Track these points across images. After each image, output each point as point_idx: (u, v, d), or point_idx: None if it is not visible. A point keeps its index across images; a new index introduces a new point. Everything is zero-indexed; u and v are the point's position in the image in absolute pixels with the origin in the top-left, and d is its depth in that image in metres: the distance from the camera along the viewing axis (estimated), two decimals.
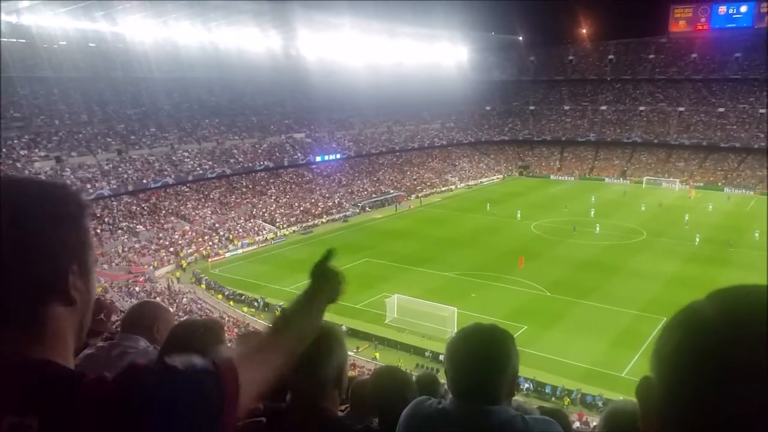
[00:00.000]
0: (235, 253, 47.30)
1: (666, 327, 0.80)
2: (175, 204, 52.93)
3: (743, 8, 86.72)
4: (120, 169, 52.89)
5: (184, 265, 43.85)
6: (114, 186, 50.35)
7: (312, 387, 2.00)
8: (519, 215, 56.65)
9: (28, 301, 1.02)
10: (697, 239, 46.93)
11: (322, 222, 57.10)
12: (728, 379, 0.68)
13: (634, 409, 0.77)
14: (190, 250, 46.05)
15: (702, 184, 73.14)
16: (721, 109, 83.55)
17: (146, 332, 2.87)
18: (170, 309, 2.16)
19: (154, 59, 58.03)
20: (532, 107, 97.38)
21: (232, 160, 61.86)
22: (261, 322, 33.77)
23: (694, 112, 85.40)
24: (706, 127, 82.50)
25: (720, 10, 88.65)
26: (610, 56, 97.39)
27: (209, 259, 44.96)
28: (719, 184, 73.12)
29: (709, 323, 0.73)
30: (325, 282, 1.67)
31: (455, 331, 4.36)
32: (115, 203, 49.33)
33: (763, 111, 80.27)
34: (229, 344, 2.75)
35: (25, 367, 0.98)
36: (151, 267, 42.13)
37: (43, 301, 1.04)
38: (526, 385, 25.92)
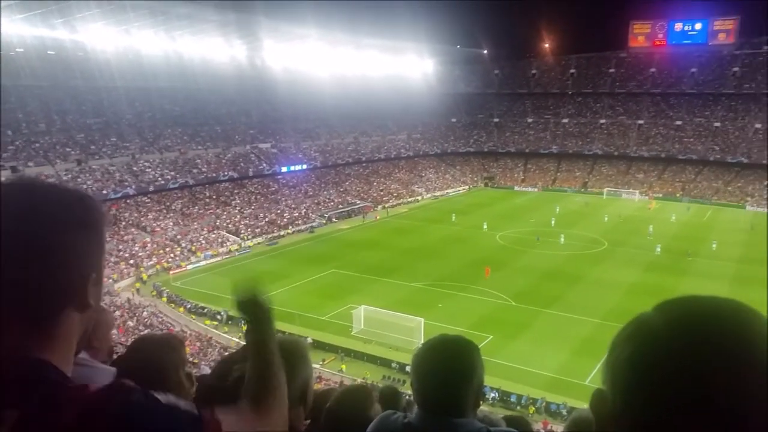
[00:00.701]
0: (197, 265, 46.45)
1: (616, 339, 0.81)
2: (136, 215, 51.78)
3: (698, 26, 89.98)
4: (79, 179, 51.52)
5: (145, 277, 42.83)
6: None
7: None
8: (485, 226, 57.16)
9: (48, 305, 1.04)
10: (658, 249, 48.01)
11: (288, 233, 56.57)
12: (677, 389, 0.70)
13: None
14: (151, 263, 45.03)
15: (661, 195, 75.15)
16: (679, 122, 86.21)
17: (80, 337, 2.67)
18: (110, 309, 2.00)
19: (116, 68, 57.02)
20: (496, 119, 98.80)
21: (195, 170, 60.93)
22: (224, 336, 33.17)
23: (653, 125, 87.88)
24: (665, 139, 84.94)
25: (676, 26, 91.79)
26: (572, 70, 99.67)
27: (171, 272, 44.02)
28: (677, 195, 75.23)
29: (658, 334, 0.75)
30: (263, 318, 1.56)
31: (422, 341, 4.30)
32: None
33: (718, 124, 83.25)
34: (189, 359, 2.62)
35: (22, 365, 0.99)
36: (111, 280, 40.96)
37: (61, 307, 1.06)
38: (492, 395, 25.99)
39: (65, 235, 1.05)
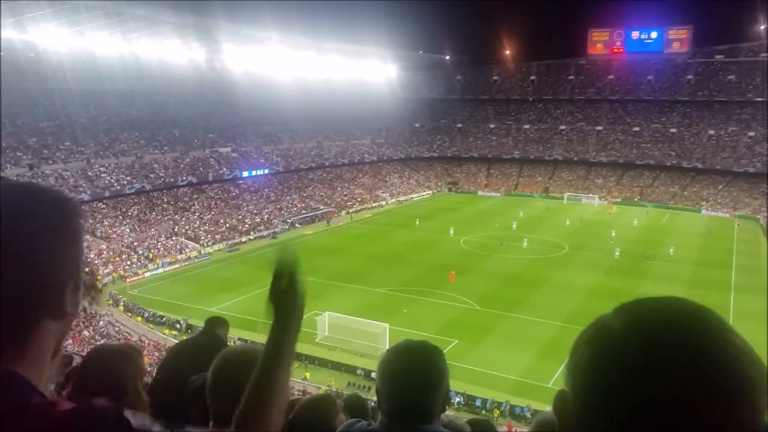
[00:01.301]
0: (155, 272, 45.11)
1: (577, 342, 0.82)
2: (91, 222, 50.00)
3: (653, 34, 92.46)
4: None
5: (101, 286, 41.36)
6: None
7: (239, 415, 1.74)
8: (451, 231, 57.25)
9: (23, 314, 1.00)
10: (617, 253, 48.81)
11: (250, 239, 55.57)
12: (636, 389, 0.71)
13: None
14: (107, 270, 43.53)
15: (619, 200, 76.75)
16: (636, 128, 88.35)
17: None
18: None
19: (70, 70, 55.30)
20: (459, 125, 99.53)
21: (152, 175, 59.36)
22: None
23: (611, 131, 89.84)
24: (623, 145, 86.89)
25: (633, 35, 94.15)
26: (533, 77, 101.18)
27: (127, 280, 42.64)
28: (635, 199, 76.97)
29: (617, 336, 0.77)
30: (292, 312, 1.50)
31: (387, 347, 4.19)
32: None
33: (674, 130, 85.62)
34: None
35: None
36: None
37: (37, 316, 1.02)
38: (457, 399, 25.84)
39: (42, 241, 1.00)
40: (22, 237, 0.98)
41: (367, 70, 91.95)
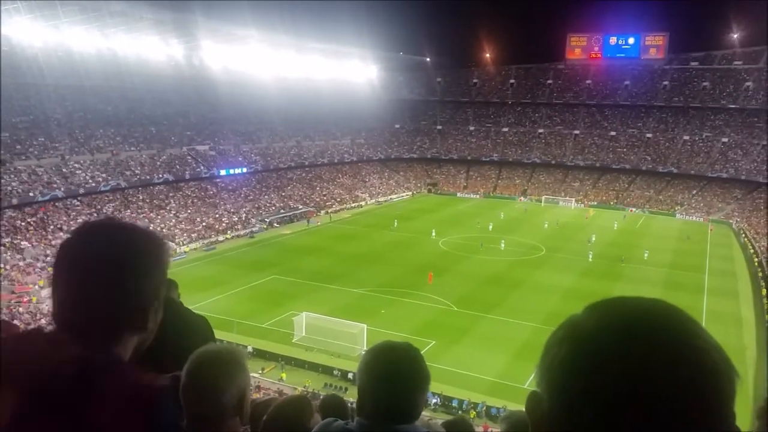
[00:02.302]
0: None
1: (550, 341, 0.83)
2: (65, 219, 49.08)
3: (630, 40, 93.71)
4: (3, 180, 48.31)
5: None
6: None
7: (211, 414, 1.85)
8: (429, 232, 57.35)
9: (112, 327, 1.27)
10: (590, 256, 49.32)
11: (227, 238, 55.05)
12: (609, 386, 0.72)
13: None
14: None
15: (596, 203, 77.69)
16: (613, 133, 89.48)
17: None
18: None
19: (45, 64, 54.18)
20: (439, 127, 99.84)
21: (128, 173, 58.43)
22: None
23: (588, 135, 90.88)
24: (599, 149, 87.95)
25: (611, 40, 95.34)
26: (512, 80, 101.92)
27: None
28: (612, 203, 78.00)
29: (589, 335, 0.78)
30: None
31: (365, 348, 4.13)
32: None
33: (649, 135, 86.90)
34: None
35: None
36: (37, 286, 38.57)
37: (123, 330, 1.29)
38: (434, 400, 25.86)
39: (136, 274, 1.28)
40: (121, 269, 1.27)
41: (348, 71, 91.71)
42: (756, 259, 47.71)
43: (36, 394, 1.15)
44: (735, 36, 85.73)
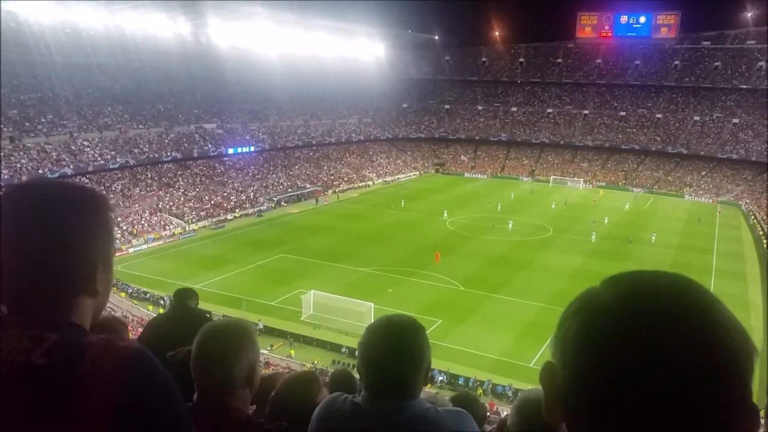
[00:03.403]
0: (139, 248, 44.77)
1: (566, 313, 0.82)
2: None
3: (642, 19, 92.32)
4: (13, 158, 48.67)
5: None
6: (6, 177, 46.20)
7: (221, 385, 1.91)
8: (435, 211, 57.37)
9: (63, 290, 1.21)
10: (593, 237, 49.17)
11: (235, 216, 55.30)
12: (627, 357, 0.71)
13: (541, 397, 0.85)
14: None
15: (604, 184, 77.32)
16: (623, 113, 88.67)
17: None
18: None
19: (53, 42, 54.06)
20: (447, 106, 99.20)
21: (136, 150, 58.57)
22: None
23: (598, 115, 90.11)
24: (609, 129, 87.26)
25: (622, 19, 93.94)
26: (521, 59, 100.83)
27: None
28: (620, 183, 77.61)
29: (607, 306, 0.77)
30: None
31: None
32: None
33: (659, 116, 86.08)
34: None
35: (59, 316, 1.21)
36: None
37: (74, 293, 1.22)
38: (440, 378, 26.12)
39: (75, 232, 1.21)
40: (58, 227, 1.19)
41: (355, 49, 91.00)
42: (765, 241, 47.47)
43: (10, 392, 1.09)
44: (748, 15, 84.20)
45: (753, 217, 57.17)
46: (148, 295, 35.58)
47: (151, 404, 1.14)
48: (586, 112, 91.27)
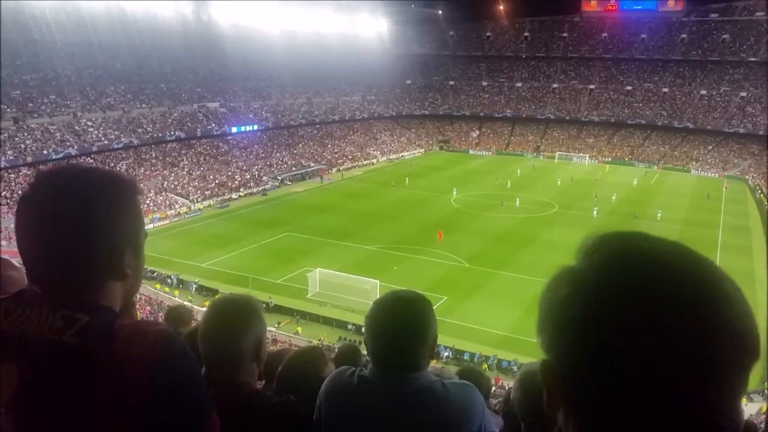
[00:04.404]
0: (146, 229, 44.81)
1: (552, 300, 0.80)
2: None
3: None
4: (17, 138, 48.71)
5: None
6: (11, 157, 46.41)
7: (229, 360, 1.93)
8: (440, 189, 57.25)
9: (92, 275, 1.21)
10: (595, 212, 48.94)
11: (240, 195, 55.36)
12: (630, 340, 0.69)
13: None
14: None
15: (609, 159, 76.87)
16: (629, 88, 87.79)
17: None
18: (19, 267, 1.77)
19: (53, 21, 53.70)
20: (451, 82, 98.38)
21: (140, 130, 58.47)
22: (175, 299, 32.34)
23: (604, 90, 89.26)
24: (615, 104, 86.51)
25: None
26: (526, 34, 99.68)
27: None
28: (626, 159, 77.14)
29: (603, 289, 0.73)
30: None
31: None
32: (12, 176, 45.54)
33: (666, 90, 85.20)
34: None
35: (91, 300, 1.22)
36: None
37: (102, 278, 1.23)
38: (446, 353, 26.33)
39: (103, 216, 1.21)
40: (87, 212, 1.20)
41: (358, 25, 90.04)
42: None
43: (41, 369, 1.10)
44: None
45: (760, 191, 56.86)
46: (155, 274, 35.79)
47: (178, 390, 1.16)
48: (591, 87, 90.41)
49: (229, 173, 58.93)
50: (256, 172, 61.20)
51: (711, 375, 0.68)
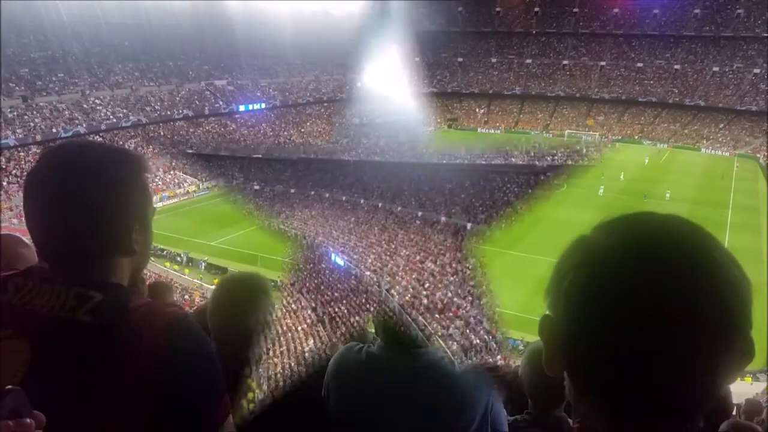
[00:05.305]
0: (154, 206, 45.04)
1: (563, 266, 0.82)
2: None
3: None
4: (26, 117, 48.89)
5: None
6: (20, 135, 46.62)
7: (237, 337, 1.95)
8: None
9: (99, 251, 1.22)
10: (601, 190, 48.67)
11: None
12: (634, 306, 0.71)
13: None
14: None
15: (620, 137, 76.14)
16: (640, 64, 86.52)
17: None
18: (29, 244, 1.79)
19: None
20: (460, 59, 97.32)
21: (148, 108, 58.47)
22: (185, 278, 32.67)
23: (615, 67, 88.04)
24: (625, 81, 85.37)
25: None
26: (536, 9, 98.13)
27: None
28: (636, 137, 76.39)
29: (609, 257, 0.76)
30: None
31: None
32: (22, 154, 45.78)
33: (677, 67, 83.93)
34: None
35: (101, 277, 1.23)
36: None
37: (110, 255, 1.24)
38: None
39: (112, 192, 1.22)
40: (95, 187, 1.20)
41: (366, 1, 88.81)
42: None
43: (55, 346, 1.10)
44: None
45: None
46: (165, 252, 36.11)
47: (190, 371, 1.15)
48: (602, 63, 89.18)
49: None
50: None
51: (696, 349, 0.70)
